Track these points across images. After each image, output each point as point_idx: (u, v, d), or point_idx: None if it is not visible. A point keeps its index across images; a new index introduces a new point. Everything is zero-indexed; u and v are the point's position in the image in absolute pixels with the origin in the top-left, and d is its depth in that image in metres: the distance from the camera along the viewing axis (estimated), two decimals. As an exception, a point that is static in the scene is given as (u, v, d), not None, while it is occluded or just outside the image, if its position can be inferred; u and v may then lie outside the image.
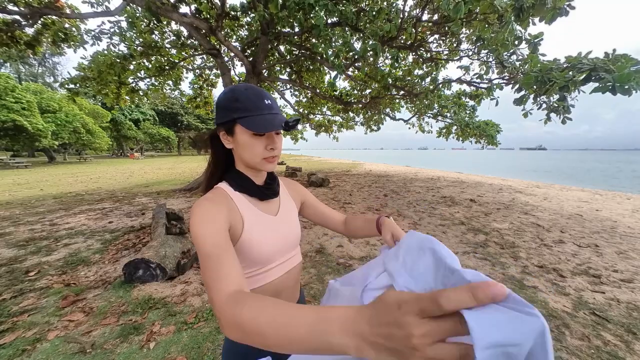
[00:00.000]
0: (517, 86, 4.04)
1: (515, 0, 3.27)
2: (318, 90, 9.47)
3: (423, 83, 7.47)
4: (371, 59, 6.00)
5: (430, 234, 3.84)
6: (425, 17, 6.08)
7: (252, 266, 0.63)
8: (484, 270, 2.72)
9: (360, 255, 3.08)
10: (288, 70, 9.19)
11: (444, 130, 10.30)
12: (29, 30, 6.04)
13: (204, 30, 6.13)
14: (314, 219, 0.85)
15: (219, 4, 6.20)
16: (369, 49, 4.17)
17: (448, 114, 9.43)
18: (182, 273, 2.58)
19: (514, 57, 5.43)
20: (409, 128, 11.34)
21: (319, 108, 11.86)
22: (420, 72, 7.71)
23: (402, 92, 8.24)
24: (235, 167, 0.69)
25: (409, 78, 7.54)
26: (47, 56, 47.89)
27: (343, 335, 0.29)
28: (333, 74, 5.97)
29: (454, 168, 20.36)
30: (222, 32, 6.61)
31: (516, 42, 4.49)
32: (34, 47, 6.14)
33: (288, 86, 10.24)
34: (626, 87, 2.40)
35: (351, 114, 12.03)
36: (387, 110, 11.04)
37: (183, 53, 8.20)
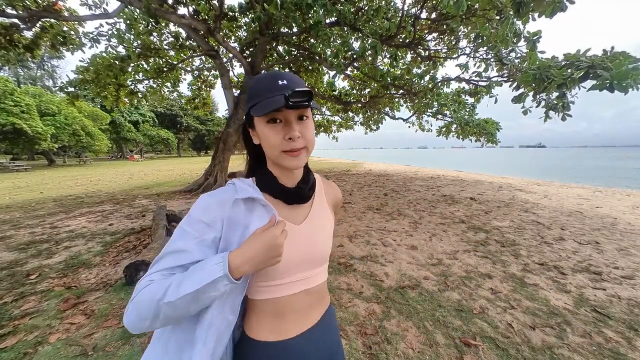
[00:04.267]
0: (515, 84, 4.04)
1: None
2: (317, 90, 9.47)
3: (422, 82, 7.47)
4: (370, 57, 6.00)
5: (431, 232, 3.86)
6: (424, 15, 6.09)
7: (261, 277, 0.57)
8: (484, 269, 2.72)
9: (361, 254, 3.08)
10: (287, 70, 9.18)
11: (444, 129, 10.31)
12: (28, 34, 6.04)
13: (202, 32, 6.13)
14: None
15: (217, 5, 6.20)
16: (368, 47, 4.17)
17: (447, 113, 9.44)
18: (183, 274, 2.58)
19: (512, 54, 5.43)
20: (409, 127, 11.38)
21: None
22: (419, 70, 7.72)
23: (401, 91, 8.24)
24: (267, 166, 0.63)
25: (408, 77, 7.55)
26: (46, 59, 47.82)
27: None
28: (332, 73, 5.97)
29: (454, 167, 20.36)
30: (221, 33, 6.61)
31: (515, 40, 4.49)
32: (33, 50, 6.15)
33: (287, 86, 10.23)
34: (624, 84, 2.40)
35: (350, 114, 12.03)
36: (387, 109, 11.05)
37: (182, 54, 8.21)
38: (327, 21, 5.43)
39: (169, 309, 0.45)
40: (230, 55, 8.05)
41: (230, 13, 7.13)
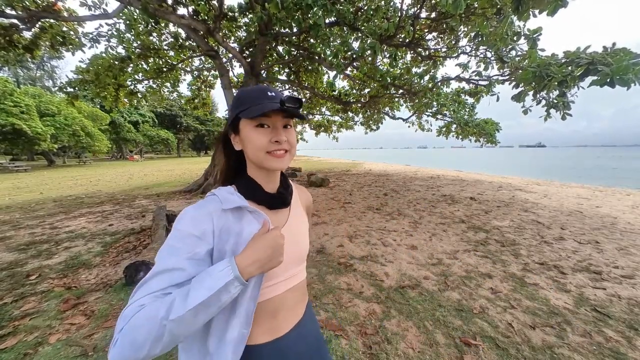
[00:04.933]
0: (515, 82, 4.03)
1: None
2: (317, 90, 9.47)
3: (422, 81, 7.47)
4: (370, 57, 5.99)
5: (431, 232, 3.86)
6: (423, 14, 6.08)
7: None
8: (485, 268, 2.72)
9: (361, 254, 3.08)
10: (286, 70, 9.19)
11: (444, 129, 10.30)
12: (27, 34, 6.03)
13: (202, 32, 6.13)
14: None
15: (217, 5, 6.20)
16: (367, 47, 4.17)
17: (447, 112, 9.43)
18: (183, 275, 2.58)
19: (513, 52, 5.43)
20: (409, 127, 11.37)
21: (318, 108, 11.86)
22: (419, 70, 7.71)
23: (401, 91, 8.24)
24: (247, 172, 0.65)
25: (408, 76, 7.55)
26: (46, 60, 47.77)
27: None
28: (332, 73, 5.96)
29: (454, 166, 20.37)
30: (220, 34, 6.61)
31: (515, 38, 4.49)
32: (32, 50, 6.13)
33: (287, 87, 10.25)
34: (625, 79, 2.38)
35: (350, 114, 12.03)
36: (386, 109, 11.05)
37: (181, 55, 8.20)
38: (327, 21, 5.43)
39: (176, 326, 0.43)
40: (230, 55, 8.06)
41: (230, 13, 7.14)
